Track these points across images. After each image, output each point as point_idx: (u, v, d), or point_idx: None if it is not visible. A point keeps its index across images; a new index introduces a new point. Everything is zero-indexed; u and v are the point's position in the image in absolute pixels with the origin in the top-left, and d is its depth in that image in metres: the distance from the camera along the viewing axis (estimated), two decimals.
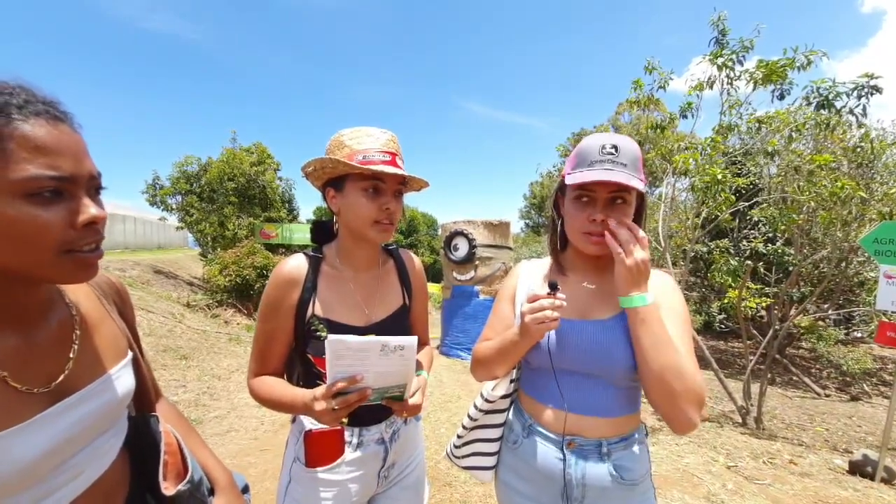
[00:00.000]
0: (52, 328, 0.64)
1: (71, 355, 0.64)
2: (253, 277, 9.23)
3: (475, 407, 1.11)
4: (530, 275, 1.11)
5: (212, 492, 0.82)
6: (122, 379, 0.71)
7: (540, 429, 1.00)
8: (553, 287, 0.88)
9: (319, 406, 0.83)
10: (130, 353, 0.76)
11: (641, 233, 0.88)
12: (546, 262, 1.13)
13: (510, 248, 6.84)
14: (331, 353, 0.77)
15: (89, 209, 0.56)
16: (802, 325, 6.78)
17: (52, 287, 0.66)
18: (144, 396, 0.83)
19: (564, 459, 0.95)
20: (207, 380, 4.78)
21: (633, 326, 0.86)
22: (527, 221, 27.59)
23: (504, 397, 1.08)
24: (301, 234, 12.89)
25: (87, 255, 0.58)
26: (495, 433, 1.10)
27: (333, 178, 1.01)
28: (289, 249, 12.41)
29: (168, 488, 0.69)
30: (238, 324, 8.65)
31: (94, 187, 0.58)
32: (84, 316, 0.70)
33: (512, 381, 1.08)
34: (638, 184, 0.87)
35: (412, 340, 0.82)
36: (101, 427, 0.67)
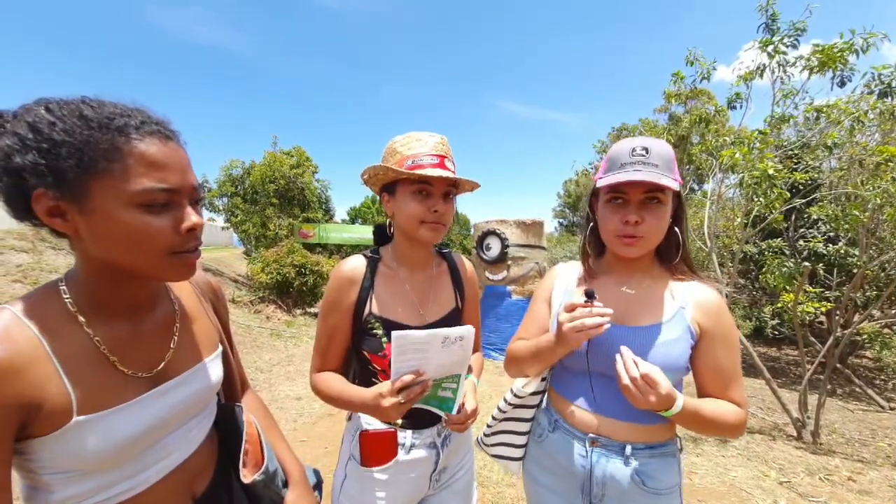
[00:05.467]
0: (157, 319, 0.72)
1: (171, 345, 0.72)
2: (292, 275, 9.59)
3: (505, 400, 1.13)
4: (567, 277, 1.11)
5: (286, 484, 0.86)
6: (213, 369, 0.78)
7: (566, 425, 1.01)
8: (590, 296, 0.87)
9: (387, 402, 0.84)
10: (220, 347, 0.83)
11: (628, 360, 0.85)
12: None
13: (543, 248, 6.72)
14: (396, 348, 0.78)
15: (191, 217, 0.64)
16: (867, 331, 6.23)
17: (160, 283, 0.75)
18: (231, 387, 0.90)
19: (587, 457, 0.96)
20: (251, 372, 5.02)
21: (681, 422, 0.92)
22: (561, 220, 27.04)
23: (534, 394, 1.09)
24: (336, 233, 13.25)
25: (189, 256, 0.66)
26: (524, 427, 1.12)
27: (387, 184, 1.05)
28: (325, 248, 12.80)
29: (245, 476, 0.75)
30: (279, 319, 9.02)
31: (195, 198, 0.67)
32: (184, 310, 0.78)
33: (543, 380, 1.09)
34: (670, 182, 0.85)
35: (470, 330, 0.85)
36: (193, 411, 0.74)
